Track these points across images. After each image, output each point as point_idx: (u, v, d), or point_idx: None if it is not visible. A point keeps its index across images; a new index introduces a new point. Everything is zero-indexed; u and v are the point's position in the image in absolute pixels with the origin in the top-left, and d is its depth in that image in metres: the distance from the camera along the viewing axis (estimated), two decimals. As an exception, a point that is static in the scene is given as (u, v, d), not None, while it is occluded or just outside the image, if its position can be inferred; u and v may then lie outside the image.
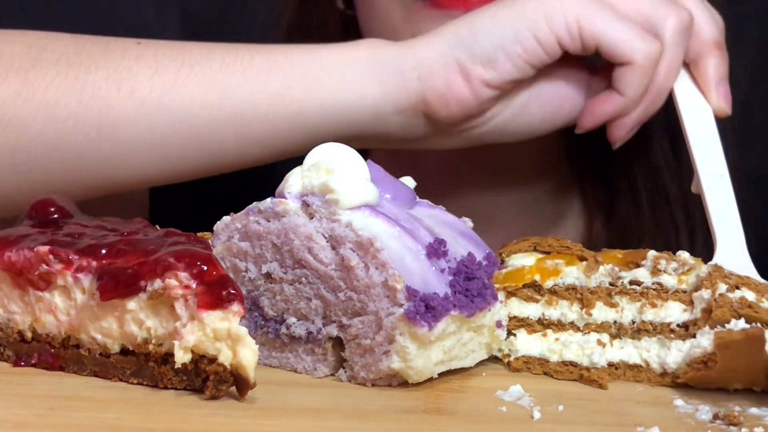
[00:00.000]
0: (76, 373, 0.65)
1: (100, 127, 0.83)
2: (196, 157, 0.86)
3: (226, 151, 0.86)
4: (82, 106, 0.83)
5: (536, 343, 0.69)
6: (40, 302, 0.65)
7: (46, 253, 0.64)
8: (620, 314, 0.68)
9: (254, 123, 0.85)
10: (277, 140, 0.86)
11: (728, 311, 0.63)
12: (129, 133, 0.83)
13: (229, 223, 0.68)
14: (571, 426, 0.59)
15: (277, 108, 0.85)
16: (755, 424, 0.60)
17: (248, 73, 0.85)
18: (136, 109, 0.83)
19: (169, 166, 0.86)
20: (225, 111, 0.84)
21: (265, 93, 0.85)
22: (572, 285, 0.69)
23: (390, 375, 0.64)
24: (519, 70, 0.84)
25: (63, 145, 0.83)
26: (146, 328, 0.62)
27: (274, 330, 0.67)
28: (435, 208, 0.71)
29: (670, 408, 0.63)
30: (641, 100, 0.86)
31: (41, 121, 0.83)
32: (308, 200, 0.65)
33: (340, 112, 0.85)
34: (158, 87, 0.83)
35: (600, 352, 0.67)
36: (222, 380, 0.60)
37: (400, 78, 0.85)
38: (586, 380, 0.67)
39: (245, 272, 0.68)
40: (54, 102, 0.83)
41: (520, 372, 0.69)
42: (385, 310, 0.63)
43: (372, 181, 0.67)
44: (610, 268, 0.68)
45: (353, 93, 0.85)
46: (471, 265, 0.66)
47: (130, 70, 0.84)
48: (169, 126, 0.84)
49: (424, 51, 0.85)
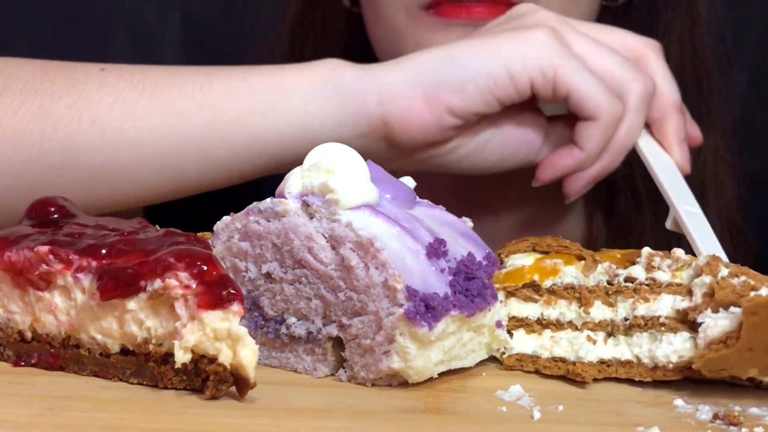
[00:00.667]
0: (76, 373, 0.65)
1: (63, 155, 0.84)
2: (159, 181, 0.87)
3: (188, 176, 0.87)
4: (45, 135, 0.84)
5: (530, 341, 0.69)
6: (40, 302, 0.65)
7: (46, 253, 0.64)
8: (616, 313, 0.68)
9: (214, 148, 0.86)
10: (238, 164, 0.87)
11: (731, 293, 0.63)
12: (92, 160, 0.85)
13: (229, 223, 0.68)
14: (571, 426, 0.59)
15: (235, 133, 0.85)
16: (755, 424, 0.60)
17: (206, 100, 0.85)
18: (97, 137, 0.84)
19: (134, 191, 0.87)
20: (184, 137, 0.85)
21: (224, 119, 0.85)
22: (570, 284, 0.69)
23: (390, 375, 0.64)
24: (486, 104, 0.85)
25: (29, 172, 0.85)
26: (146, 328, 0.62)
27: (274, 330, 0.67)
28: (435, 208, 0.71)
29: (670, 408, 0.63)
30: (600, 157, 0.89)
31: (8, 149, 0.84)
32: (308, 200, 0.65)
33: (300, 137, 0.86)
34: (118, 115, 0.85)
35: (589, 348, 0.67)
36: (222, 380, 0.60)
37: (360, 101, 0.85)
38: (572, 374, 0.67)
39: (245, 272, 0.68)
40: (20, 131, 0.84)
41: (512, 369, 0.69)
42: (385, 310, 0.63)
43: (372, 181, 0.67)
44: (607, 266, 0.68)
45: (313, 119, 0.86)
46: (471, 265, 0.66)
47: (92, 99, 0.85)
48: (130, 153, 0.85)
49: (387, 75, 0.85)
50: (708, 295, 0.64)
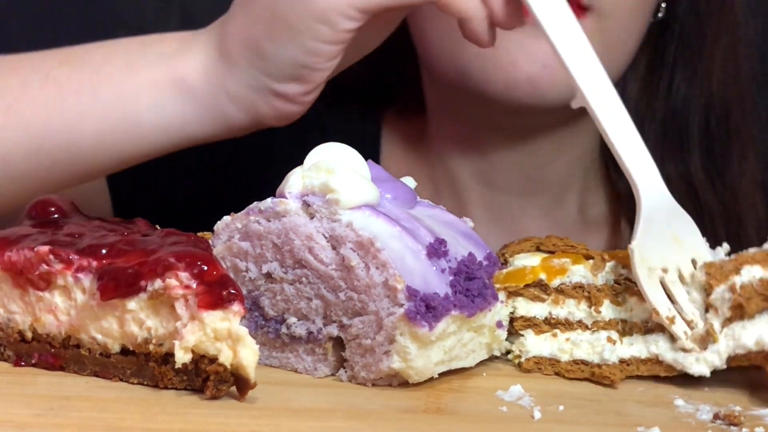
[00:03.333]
0: (76, 373, 0.65)
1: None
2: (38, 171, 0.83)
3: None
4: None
5: (546, 344, 0.69)
6: (41, 302, 0.65)
7: (46, 253, 0.64)
8: (629, 313, 0.68)
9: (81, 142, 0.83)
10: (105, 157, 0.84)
11: (759, 300, 0.63)
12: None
13: (230, 223, 0.68)
14: (572, 426, 0.59)
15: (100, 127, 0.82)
16: (755, 424, 0.60)
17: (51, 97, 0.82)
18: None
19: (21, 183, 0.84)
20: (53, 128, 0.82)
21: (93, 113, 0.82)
22: (579, 283, 0.69)
23: (390, 375, 0.64)
24: (329, 68, 0.79)
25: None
26: (146, 328, 0.62)
27: (275, 330, 0.67)
28: (435, 208, 0.71)
29: (670, 408, 0.63)
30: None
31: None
32: (309, 200, 0.65)
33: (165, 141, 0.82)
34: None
35: (611, 349, 0.67)
36: (222, 380, 0.60)
37: (220, 113, 0.81)
38: (598, 377, 0.67)
39: (245, 272, 0.68)
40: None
41: (531, 373, 0.68)
42: (386, 310, 0.63)
43: (372, 181, 0.67)
44: (613, 264, 0.68)
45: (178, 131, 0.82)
46: (471, 265, 0.66)
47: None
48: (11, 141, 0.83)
49: (231, 84, 0.80)
50: (735, 308, 0.64)
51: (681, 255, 0.67)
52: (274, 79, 0.78)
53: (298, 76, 0.78)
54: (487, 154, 1.05)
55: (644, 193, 0.69)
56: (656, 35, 1.05)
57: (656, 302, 0.66)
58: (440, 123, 1.08)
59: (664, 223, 0.68)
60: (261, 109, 0.80)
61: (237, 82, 0.79)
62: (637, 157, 0.70)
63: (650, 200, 0.69)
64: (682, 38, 1.05)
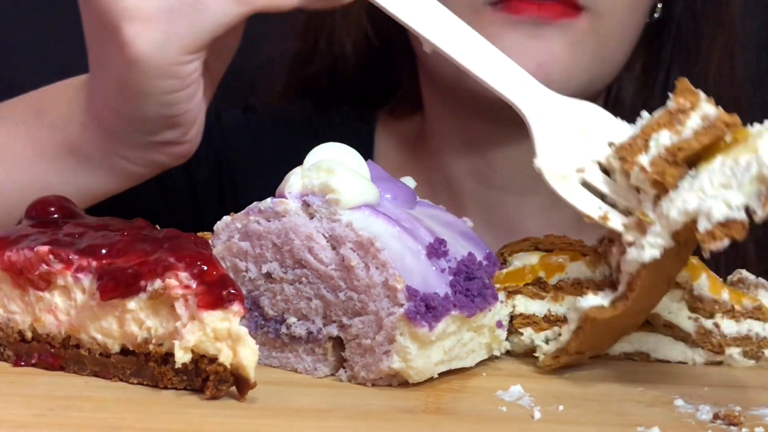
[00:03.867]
0: (76, 373, 0.65)
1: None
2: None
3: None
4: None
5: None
6: (40, 302, 0.65)
7: (46, 253, 0.64)
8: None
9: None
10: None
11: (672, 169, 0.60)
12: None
13: (229, 223, 0.68)
14: (571, 426, 0.59)
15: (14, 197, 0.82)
16: (755, 424, 0.60)
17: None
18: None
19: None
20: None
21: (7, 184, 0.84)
22: (578, 279, 0.69)
23: (390, 375, 0.64)
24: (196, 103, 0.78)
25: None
26: (146, 328, 0.62)
27: (275, 330, 0.67)
28: (435, 208, 0.71)
29: (670, 408, 0.63)
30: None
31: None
32: (309, 200, 0.65)
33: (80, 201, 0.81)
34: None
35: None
36: (222, 380, 0.60)
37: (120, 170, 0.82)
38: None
39: (245, 272, 0.68)
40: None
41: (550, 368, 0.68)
42: (386, 310, 0.63)
43: (372, 181, 0.67)
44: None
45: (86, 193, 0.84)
46: (471, 264, 0.66)
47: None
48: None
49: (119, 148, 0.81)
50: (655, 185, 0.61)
51: (592, 146, 0.65)
52: (152, 135, 0.80)
53: (171, 124, 0.79)
54: (484, 153, 1.05)
55: (524, 105, 0.67)
56: (652, 35, 1.05)
57: (582, 206, 0.64)
58: (437, 122, 1.08)
59: (560, 124, 0.66)
60: (156, 159, 0.82)
61: (121, 145, 0.81)
62: (504, 76, 0.68)
63: (534, 109, 0.67)
64: (678, 38, 1.05)
